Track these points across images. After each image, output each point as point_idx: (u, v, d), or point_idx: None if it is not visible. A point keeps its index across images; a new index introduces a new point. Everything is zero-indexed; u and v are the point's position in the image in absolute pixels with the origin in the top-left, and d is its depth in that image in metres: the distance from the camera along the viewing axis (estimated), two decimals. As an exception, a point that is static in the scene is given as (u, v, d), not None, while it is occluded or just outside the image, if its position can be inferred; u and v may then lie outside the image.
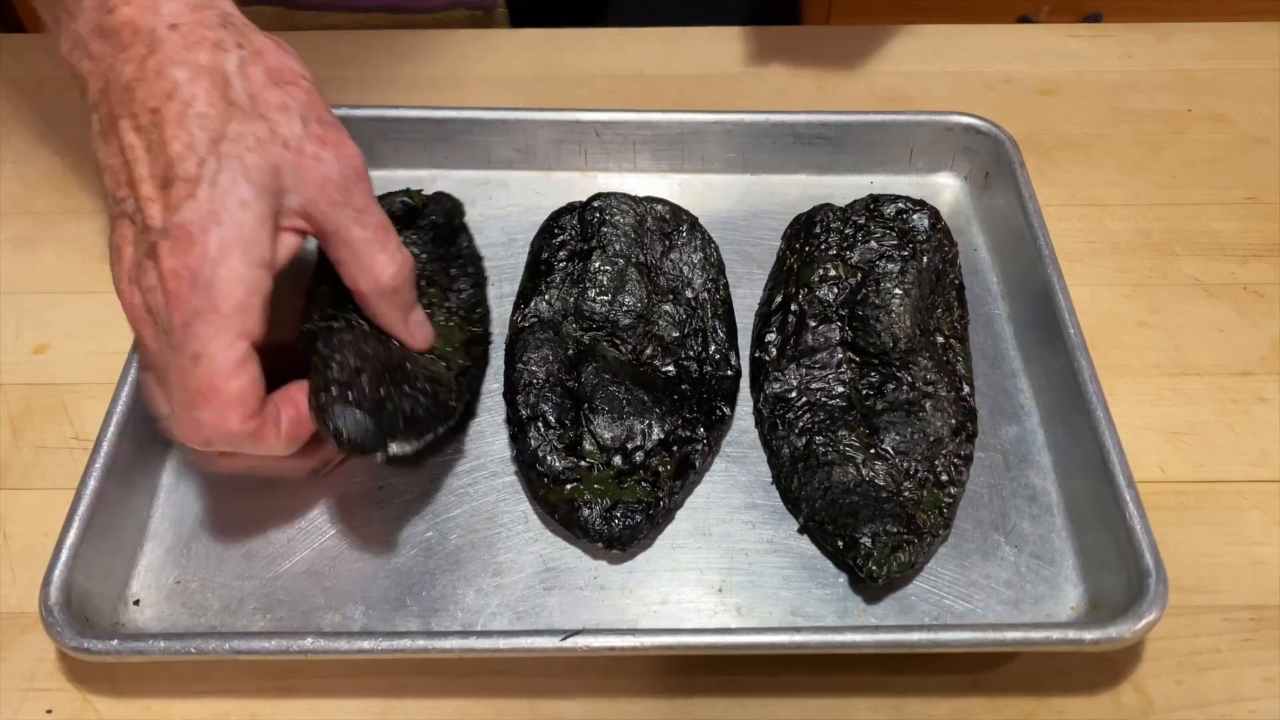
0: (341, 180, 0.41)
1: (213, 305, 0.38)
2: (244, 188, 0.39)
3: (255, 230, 0.39)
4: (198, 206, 0.38)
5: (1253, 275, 0.59)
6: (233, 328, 0.38)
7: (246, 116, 0.40)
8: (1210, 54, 0.72)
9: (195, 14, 0.41)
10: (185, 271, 0.38)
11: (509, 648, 0.41)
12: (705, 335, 0.53)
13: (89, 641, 0.41)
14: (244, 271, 0.39)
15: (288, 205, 0.41)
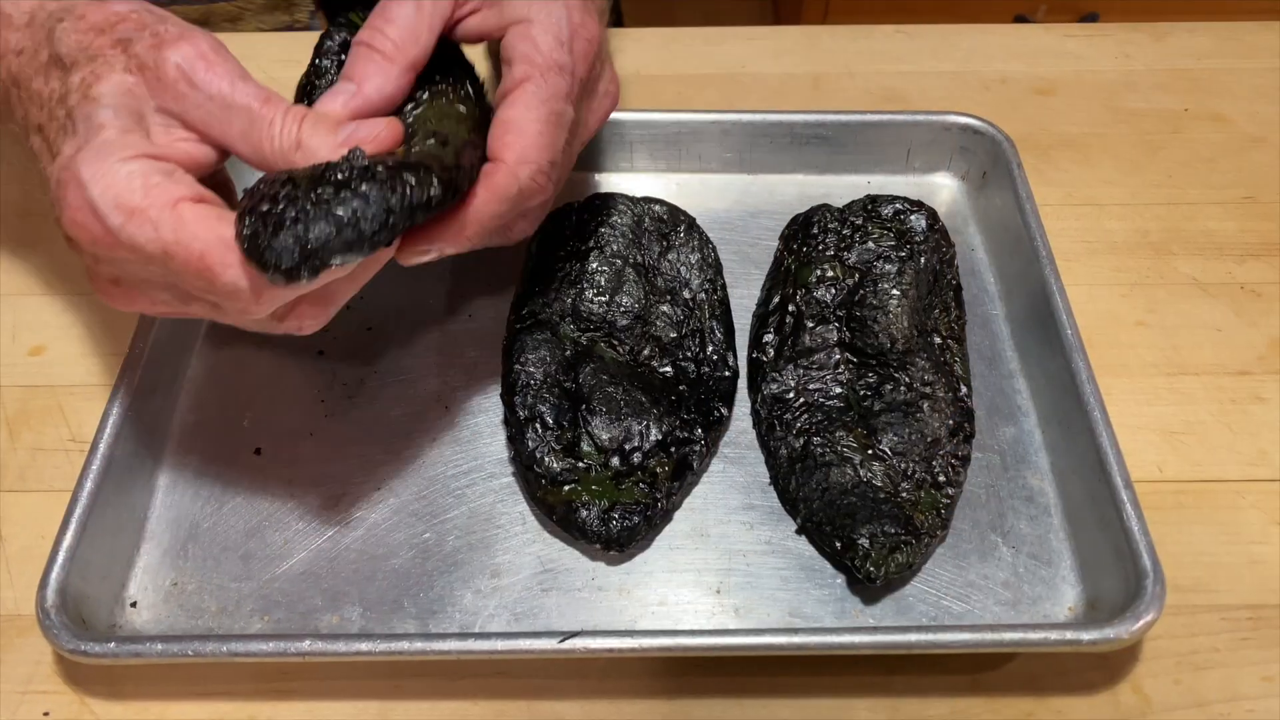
0: (190, 72, 0.39)
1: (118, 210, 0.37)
2: (98, 113, 0.38)
3: (122, 134, 0.38)
4: (62, 157, 0.38)
5: (1250, 275, 0.59)
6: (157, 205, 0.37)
7: (80, 65, 0.39)
8: (1207, 53, 0.72)
9: (30, 27, 0.41)
10: (71, 219, 0.37)
11: (507, 649, 0.41)
12: (703, 336, 0.53)
13: (86, 644, 0.41)
14: (123, 166, 0.37)
15: (159, 124, 0.39)
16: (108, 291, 0.41)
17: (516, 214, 0.45)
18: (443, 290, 0.57)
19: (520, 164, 0.43)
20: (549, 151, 0.44)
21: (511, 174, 0.43)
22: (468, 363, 0.54)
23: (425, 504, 0.49)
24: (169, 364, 0.51)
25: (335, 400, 0.52)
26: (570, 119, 0.45)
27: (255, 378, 0.53)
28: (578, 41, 0.45)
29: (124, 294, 0.41)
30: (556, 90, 0.44)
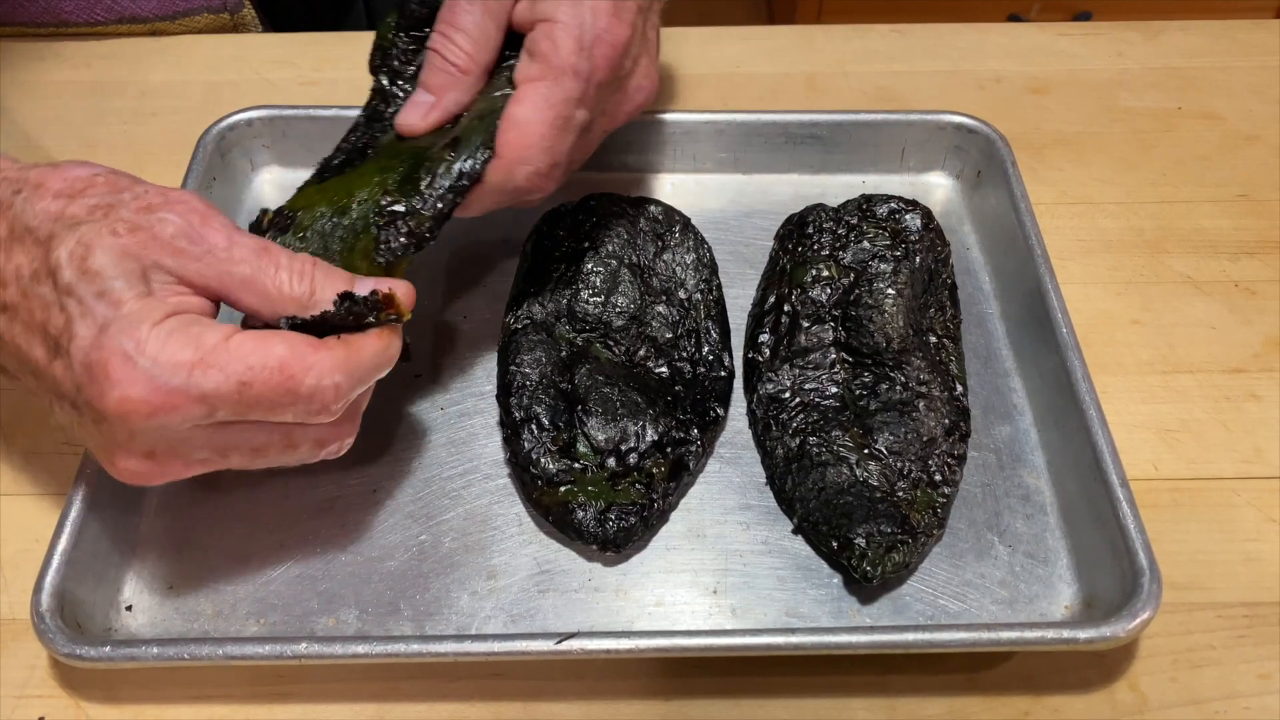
0: (188, 228, 0.38)
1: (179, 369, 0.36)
2: (109, 286, 0.36)
3: (141, 300, 0.37)
4: (83, 340, 0.36)
5: (1244, 272, 0.59)
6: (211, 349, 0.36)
7: (60, 236, 0.37)
8: (1200, 52, 0.72)
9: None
10: (125, 396, 0.36)
11: (504, 651, 0.41)
12: (699, 336, 0.53)
13: (81, 648, 0.41)
14: (162, 329, 0.36)
15: (160, 282, 0.38)
16: (139, 469, 0.39)
17: (506, 202, 0.47)
18: (438, 291, 0.57)
19: (518, 163, 0.44)
20: (549, 155, 0.44)
21: (508, 171, 0.44)
22: (463, 364, 0.54)
23: (421, 506, 0.49)
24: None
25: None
26: (580, 122, 0.46)
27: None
28: (600, 46, 0.45)
29: (159, 465, 0.39)
30: (568, 94, 0.45)
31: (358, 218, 0.44)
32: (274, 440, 0.40)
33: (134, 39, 0.70)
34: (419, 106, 0.46)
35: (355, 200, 0.44)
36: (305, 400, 0.37)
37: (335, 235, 0.44)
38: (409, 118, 0.46)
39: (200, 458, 0.39)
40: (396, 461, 0.50)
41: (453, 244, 0.59)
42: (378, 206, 0.44)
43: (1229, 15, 0.76)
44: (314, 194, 0.46)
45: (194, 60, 0.70)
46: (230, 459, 0.40)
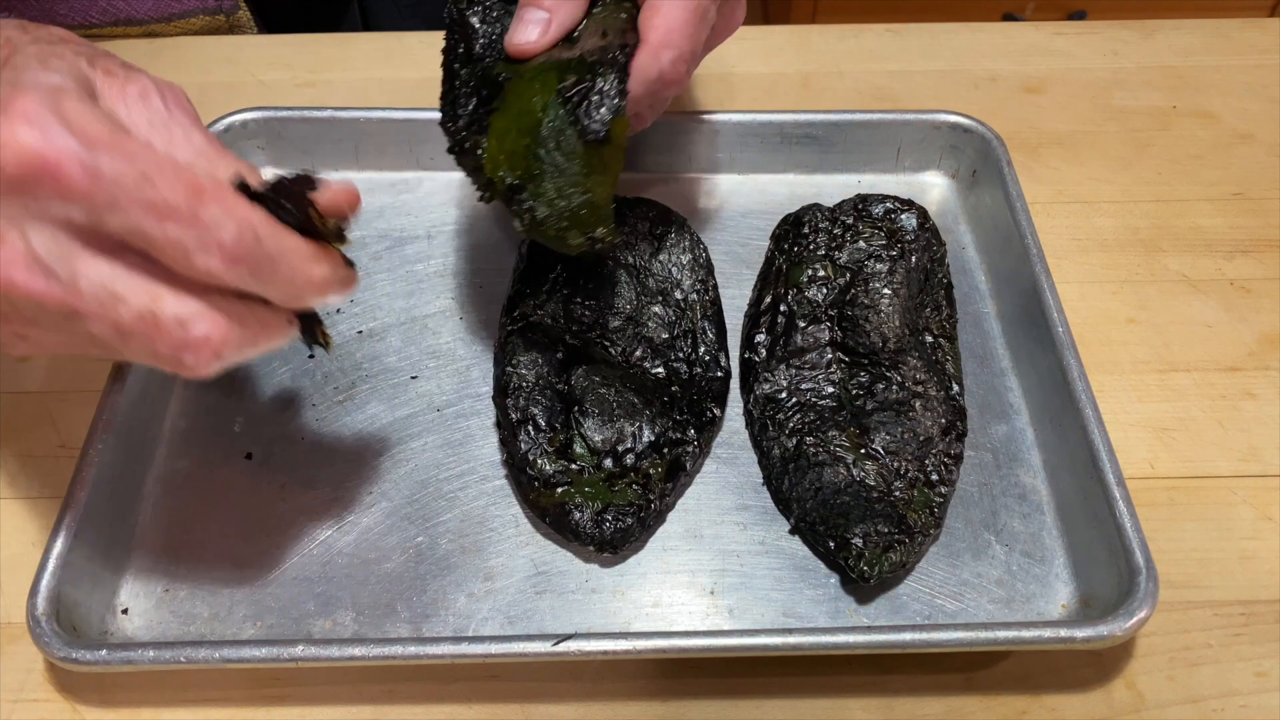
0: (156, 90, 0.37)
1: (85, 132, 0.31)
2: (49, 74, 0.34)
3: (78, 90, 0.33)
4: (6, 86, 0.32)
5: (1239, 271, 0.59)
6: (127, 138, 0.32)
7: (37, 44, 0.36)
8: (1195, 50, 0.72)
9: None
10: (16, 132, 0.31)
11: (501, 653, 0.41)
12: (695, 336, 0.53)
13: (77, 652, 0.41)
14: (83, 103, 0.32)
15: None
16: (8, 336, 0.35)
17: (648, 101, 0.45)
18: (434, 293, 0.57)
19: (663, 47, 0.44)
20: (691, 40, 0.45)
21: (654, 55, 0.44)
22: (459, 365, 0.54)
23: (417, 508, 0.48)
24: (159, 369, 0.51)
25: (326, 404, 0.52)
26: (712, 18, 0.46)
27: (246, 382, 0.52)
28: None
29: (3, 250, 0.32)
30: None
31: (552, 118, 0.43)
32: (138, 285, 0.34)
33: (129, 40, 0.70)
34: (534, 23, 0.44)
35: (538, 109, 0.43)
36: (200, 227, 0.32)
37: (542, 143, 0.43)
38: (526, 34, 0.44)
39: (47, 263, 0.33)
40: (393, 463, 0.50)
41: (448, 245, 0.59)
42: (563, 99, 0.43)
43: (1223, 14, 0.76)
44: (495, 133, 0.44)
45: (189, 62, 0.70)
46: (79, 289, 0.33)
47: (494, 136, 0.44)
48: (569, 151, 0.43)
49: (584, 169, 0.43)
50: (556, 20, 0.45)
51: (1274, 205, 0.63)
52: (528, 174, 0.43)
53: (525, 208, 0.43)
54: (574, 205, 0.43)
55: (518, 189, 0.43)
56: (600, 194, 0.43)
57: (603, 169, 0.43)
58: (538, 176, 0.43)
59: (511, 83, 0.45)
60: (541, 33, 0.45)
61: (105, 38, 0.70)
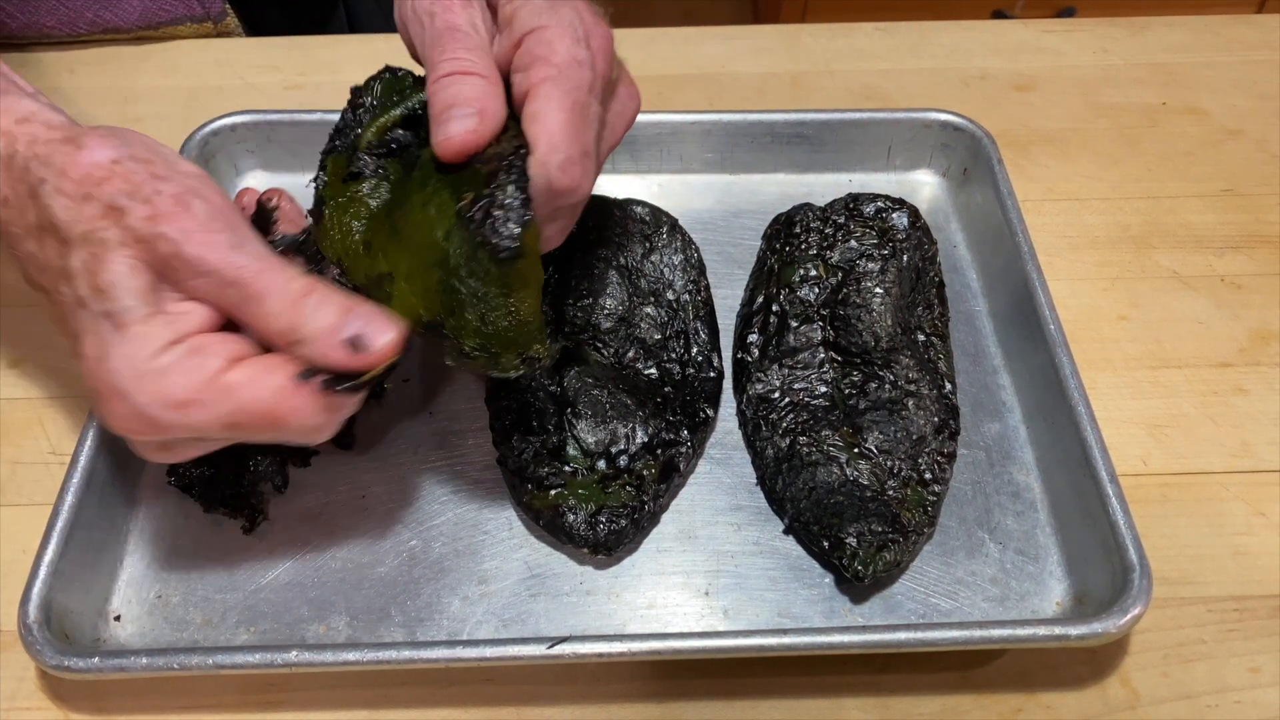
0: (184, 246, 0.38)
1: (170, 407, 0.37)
2: (114, 305, 0.37)
3: (143, 324, 0.37)
4: (89, 361, 0.38)
5: (1230, 267, 0.59)
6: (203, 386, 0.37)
7: (76, 244, 0.38)
8: (1184, 47, 0.73)
9: (9, 171, 0.40)
10: (120, 424, 0.38)
11: (495, 656, 0.41)
12: (687, 337, 0.53)
13: (70, 660, 0.41)
14: (155, 363, 0.37)
15: (169, 297, 0.39)
16: (159, 456, 0.41)
17: (548, 212, 0.42)
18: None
19: (551, 152, 0.40)
20: (578, 142, 0.41)
21: (542, 164, 0.40)
22: (451, 368, 0.53)
23: (411, 511, 0.48)
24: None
25: (318, 408, 0.52)
26: (597, 114, 0.43)
27: (237, 387, 0.52)
28: (594, 39, 0.43)
29: (178, 454, 0.41)
30: (579, 83, 0.42)
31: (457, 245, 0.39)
32: (285, 439, 0.40)
33: (117, 46, 0.70)
34: (461, 119, 0.41)
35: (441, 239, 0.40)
36: (292, 433, 0.39)
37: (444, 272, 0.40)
38: (462, 126, 0.41)
39: (210, 447, 0.41)
40: (386, 467, 0.50)
41: (440, 247, 0.59)
42: (464, 221, 0.39)
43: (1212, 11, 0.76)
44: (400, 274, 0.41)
45: (177, 65, 0.69)
46: (236, 439, 0.40)
47: (400, 277, 0.41)
48: (483, 275, 0.39)
49: (502, 290, 0.39)
50: (490, 116, 0.41)
51: (1264, 201, 0.63)
52: (445, 309, 0.40)
53: (449, 343, 0.40)
54: (501, 329, 0.40)
55: (436, 326, 0.40)
56: (526, 310, 0.40)
57: (523, 284, 0.39)
58: (456, 309, 0.39)
59: (401, 212, 0.42)
60: (474, 128, 0.41)
61: (93, 44, 0.70)
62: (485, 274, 0.39)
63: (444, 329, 0.40)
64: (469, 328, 0.40)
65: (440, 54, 0.42)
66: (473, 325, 0.39)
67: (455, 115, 0.41)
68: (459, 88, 0.41)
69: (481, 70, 0.42)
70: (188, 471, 0.48)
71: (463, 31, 0.42)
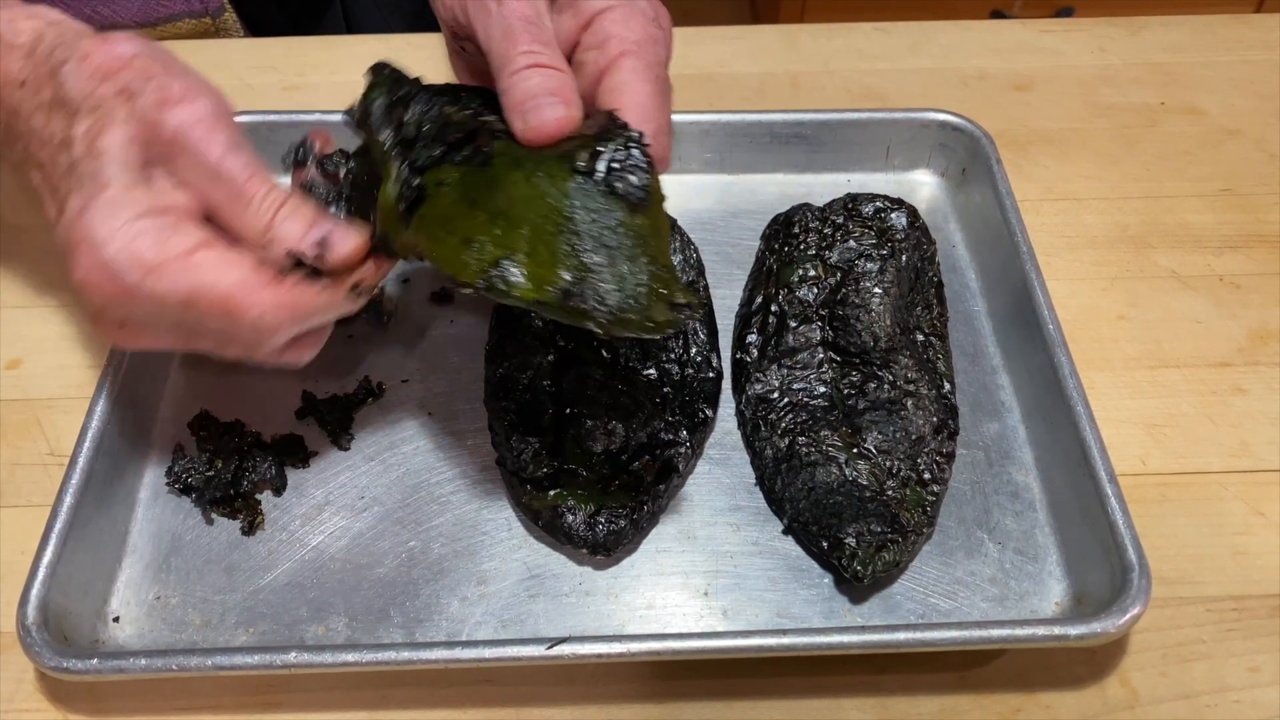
0: (187, 134, 0.40)
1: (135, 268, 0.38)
2: (104, 168, 0.39)
3: (128, 191, 0.39)
4: (69, 213, 0.40)
5: (1229, 266, 0.59)
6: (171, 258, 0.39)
7: (83, 114, 0.40)
8: (1182, 47, 0.73)
9: (31, 58, 0.42)
10: (85, 279, 0.39)
11: (494, 657, 0.41)
12: (686, 337, 0.53)
13: (68, 661, 0.41)
14: (133, 226, 0.39)
15: (160, 176, 0.41)
16: (113, 333, 0.42)
17: None
18: (424, 296, 0.56)
19: (643, 123, 0.42)
20: (665, 112, 0.43)
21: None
22: (450, 369, 0.53)
23: (410, 512, 0.48)
24: (148, 376, 0.51)
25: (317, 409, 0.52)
26: (670, 90, 0.45)
27: (236, 387, 0.52)
28: (663, 18, 0.46)
29: (130, 334, 0.42)
30: (657, 57, 0.44)
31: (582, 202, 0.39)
32: (231, 341, 0.42)
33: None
34: (553, 107, 0.41)
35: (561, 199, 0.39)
36: (246, 329, 0.40)
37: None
38: (554, 113, 0.41)
39: (167, 339, 0.42)
40: (384, 467, 0.50)
41: (438, 248, 0.59)
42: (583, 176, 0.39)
43: (1210, 10, 0.76)
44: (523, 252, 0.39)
45: (175, 66, 0.69)
46: (197, 344, 0.42)
47: (523, 254, 0.38)
48: (615, 226, 0.39)
49: (638, 238, 0.39)
50: (575, 106, 0.42)
51: (1262, 201, 0.63)
52: (582, 269, 0.38)
53: (593, 304, 0.38)
54: (643, 280, 0.38)
55: (575, 292, 0.38)
56: (663, 257, 0.39)
57: (655, 230, 0.39)
58: (594, 267, 0.38)
59: (500, 195, 0.40)
60: (565, 115, 0.41)
61: None
62: (620, 224, 0.39)
63: (583, 293, 0.38)
64: (611, 283, 0.38)
65: (514, 47, 0.43)
66: (614, 280, 0.38)
67: (545, 103, 0.42)
68: (540, 79, 0.42)
69: (559, 65, 0.43)
70: (186, 473, 0.48)
71: (534, 24, 0.43)
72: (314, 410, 0.51)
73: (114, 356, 0.49)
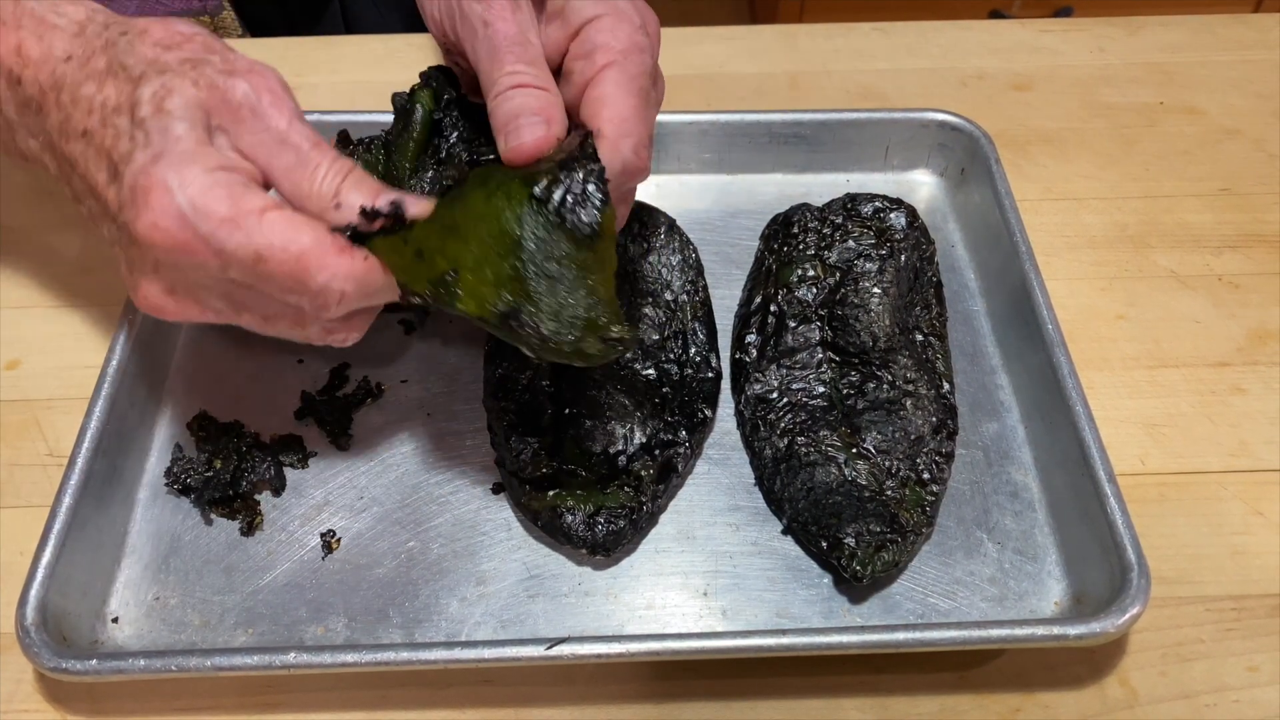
0: (254, 101, 0.40)
1: (209, 217, 0.38)
2: (174, 125, 0.39)
3: (199, 146, 0.39)
4: (137, 165, 0.39)
5: (1227, 266, 0.59)
6: (245, 212, 0.38)
7: (149, 77, 0.40)
8: (1180, 46, 0.73)
9: (81, 36, 0.42)
10: (154, 223, 0.38)
11: (494, 657, 0.41)
12: (685, 337, 0.53)
13: (67, 662, 0.41)
14: (208, 176, 0.38)
15: (221, 142, 0.40)
16: (158, 301, 0.41)
17: (617, 195, 0.43)
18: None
19: (621, 137, 0.43)
20: (646, 125, 0.44)
21: (614, 147, 0.43)
22: (449, 369, 0.53)
23: (409, 512, 0.48)
24: (147, 376, 0.51)
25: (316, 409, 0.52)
26: (656, 100, 0.46)
27: (235, 388, 0.52)
28: (650, 25, 0.46)
29: (175, 299, 0.41)
30: (642, 68, 0.44)
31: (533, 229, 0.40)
32: (284, 313, 0.41)
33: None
34: (533, 128, 0.42)
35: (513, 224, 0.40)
36: (311, 295, 0.39)
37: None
38: (533, 133, 0.42)
39: (215, 307, 0.41)
40: (384, 468, 0.50)
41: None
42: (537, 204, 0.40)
43: (1208, 10, 0.76)
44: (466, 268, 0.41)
45: (174, 66, 0.69)
46: (243, 317, 0.42)
47: (465, 271, 0.40)
48: (560, 257, 0.39)
49: (581, 271, 0.40)
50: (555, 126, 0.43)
51: (1261, 200, 0.63)
52: (521, 295, 0.39)
53: (528, 330, 0.40)
54: (580, 312, 0.40)
55: (512, 314, 0.39)
56: (604, 291, 0.40)
57: (600, 265, 0.40)
58: (534, 295, 0.39)
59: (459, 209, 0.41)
60: (544, 136, 0.42)
61: None
62: (566, 255, 0.39)
63: (519, 317, 0.40)
64: (547, 312, 0.40)
65: (499, 68, 0.43)
66: (551, 309, 0.40)
67: (525, 123, 0.42)
68: (524, 99, 0.43)
69: (543, 84, 0.43)
70: (186, 473, 0.48)
71: (519, 44, 0.44)
72: (313, 410, 0.51)
73: (113, 357, 0.49)
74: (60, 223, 0.60)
